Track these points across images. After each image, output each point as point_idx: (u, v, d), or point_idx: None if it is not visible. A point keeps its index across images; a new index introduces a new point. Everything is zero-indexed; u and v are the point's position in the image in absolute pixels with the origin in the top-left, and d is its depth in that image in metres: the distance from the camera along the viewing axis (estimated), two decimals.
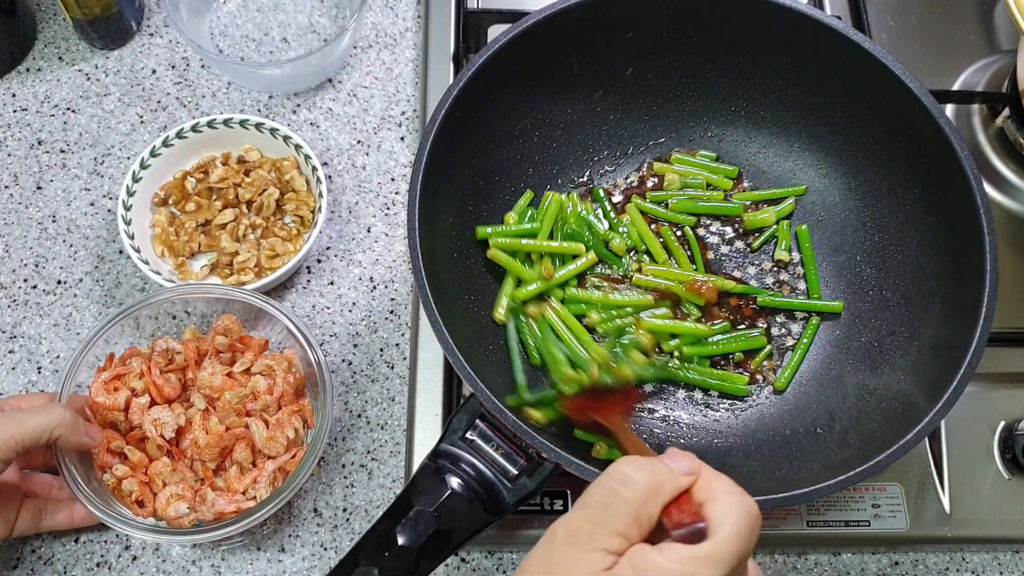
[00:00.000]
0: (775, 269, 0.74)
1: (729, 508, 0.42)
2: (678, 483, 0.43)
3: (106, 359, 0.68)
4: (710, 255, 0.75)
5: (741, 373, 0.71)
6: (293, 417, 0.68)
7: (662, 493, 0.43)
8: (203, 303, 0.72)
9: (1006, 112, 0.83)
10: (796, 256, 0.74)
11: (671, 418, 0.69)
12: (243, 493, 0.66)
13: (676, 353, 0.71)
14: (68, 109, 0.84)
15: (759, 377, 0.71)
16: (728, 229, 0.75)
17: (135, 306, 0.68)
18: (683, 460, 0.45)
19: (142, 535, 0.62)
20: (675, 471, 0.44)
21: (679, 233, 0.75)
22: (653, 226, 0.75)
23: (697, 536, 0.42)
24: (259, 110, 0.85)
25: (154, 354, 0.69)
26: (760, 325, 0.72)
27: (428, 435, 0.70)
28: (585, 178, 0.77)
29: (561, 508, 0.68)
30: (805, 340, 0.71)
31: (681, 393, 0.70)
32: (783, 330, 0.72)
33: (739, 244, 0.75)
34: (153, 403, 0.67)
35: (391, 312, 0.77)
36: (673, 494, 0.43)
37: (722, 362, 0.71)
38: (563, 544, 0.42)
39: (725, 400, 0.70)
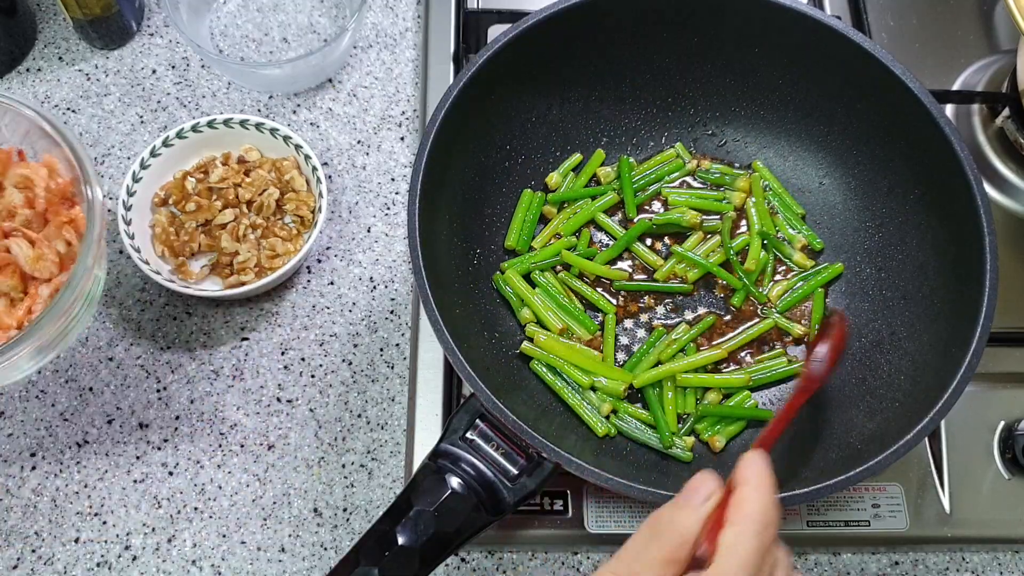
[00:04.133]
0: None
1: (738, 536, 0.44)
2: (700, 517, 0.45)
3: None
4: None
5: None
6: (63, 229, 0.58)
7: (688, 535, 0.44)
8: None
9: (1006, 112, 0.83)
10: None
11: None
12: (18, 328, 0.56)
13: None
14: (68, 109, 0.84)
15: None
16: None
17: None
18: (700, 489, 0.46)
19: None
20: (696, 506, 0.45)
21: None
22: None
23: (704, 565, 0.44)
24: (259, 110, 0.85)
25: None
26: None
27: (428, 435, 0.70)
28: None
29: (561, 508, 0.68)
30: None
31: None
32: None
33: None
34: None
35: (391, 312, 0.77)
36: (697, 532, 0.45)
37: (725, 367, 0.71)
38: None
39: None
